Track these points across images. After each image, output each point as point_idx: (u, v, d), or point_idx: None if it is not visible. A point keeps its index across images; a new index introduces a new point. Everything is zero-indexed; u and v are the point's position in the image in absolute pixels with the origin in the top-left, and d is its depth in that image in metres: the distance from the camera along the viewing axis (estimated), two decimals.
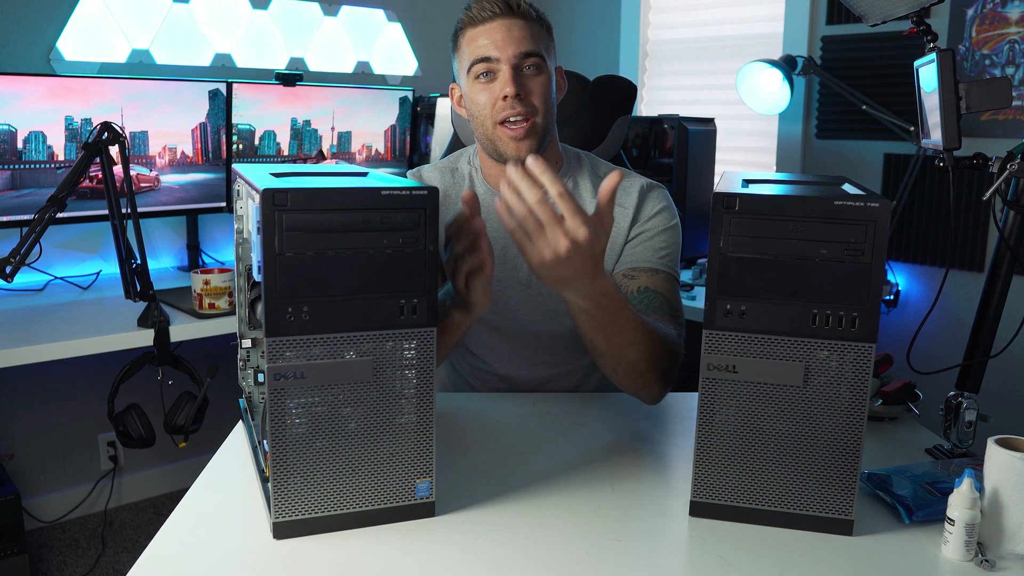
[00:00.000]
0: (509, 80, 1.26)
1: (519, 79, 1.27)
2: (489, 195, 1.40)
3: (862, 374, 0.90)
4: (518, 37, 1.27)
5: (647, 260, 1.35)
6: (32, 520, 2.51)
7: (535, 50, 1.28)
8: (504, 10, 1.28)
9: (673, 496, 1.02)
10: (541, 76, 1.29)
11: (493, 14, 1.27)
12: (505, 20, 1.27)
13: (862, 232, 0.88)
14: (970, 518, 0.88)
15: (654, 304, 1.29)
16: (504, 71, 1.27)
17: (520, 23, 1.28)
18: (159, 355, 1.87)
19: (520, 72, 1.28)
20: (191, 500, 1.00)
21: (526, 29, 1.28)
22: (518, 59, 1.27)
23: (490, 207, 1.39)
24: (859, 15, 1.37)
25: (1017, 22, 2.22)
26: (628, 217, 1.38)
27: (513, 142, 1.29)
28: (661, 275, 1.34)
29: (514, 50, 1.27)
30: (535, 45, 1.28)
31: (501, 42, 1.27)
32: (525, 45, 1.27)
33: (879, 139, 2.53)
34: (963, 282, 2.36)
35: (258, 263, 0.88)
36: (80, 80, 2.20)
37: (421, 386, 0.92)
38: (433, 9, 3.17)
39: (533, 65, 1.28)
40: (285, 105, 2.62)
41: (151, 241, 2.60)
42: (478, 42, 1.28)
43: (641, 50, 3.18)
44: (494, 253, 1.37)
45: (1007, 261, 1.19)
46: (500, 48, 1.26)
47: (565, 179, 1.40)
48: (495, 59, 1.27)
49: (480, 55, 1.27)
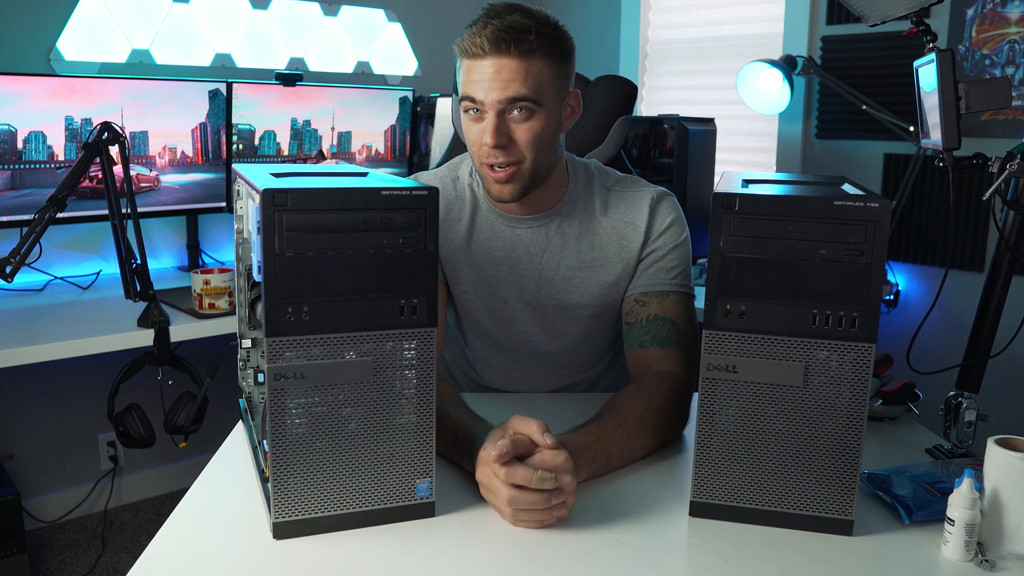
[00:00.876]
0: (491, 130, 1.19)
1: (503, 126, 1.20)
2: (494, 215, 1.37)
3: (862, 374, 0.90)
4: (506, 80, 1.17)
5: (659, 283, 1.33)
6: (32, 520, 2.51)
7: (525, 94, 1.18)
8: (491, 50, 1.17)
9: (673, 496, 1.02)
10: (531, 121, 1.21)
11: (483, 52, 1.18)
12: (495, 60, 1.17)
13: (862, 232, 0.88)
14: (970, 518, 0.88)
15: (660, 334, 1.28)
16: (489, 117, 1.20)
17: (512, 64, 1.17)
18: (159, 355, 1.87)
19: (504, 118, 1.20)
20: (191, 500, 1.00)
21: (517, 71, 1.17)
22: (503, 104, 1.19)
23: (495, 228, 1.37)
24: (859, 15, 1.37)
25: (1017, 22, 2.22)
26: (640, 236, 1.34)
27: (496, 184, 1.26)
28: (672, 297, 1.32)
29: (499, 95, 1.18)
30: (527, 87, 1.18)
31: (487, 85, 1.18)
32: (513, 89, 1.18)
33: (879, 139, 2.52)
34: (963, 282, 2.36)
35: (258, 263, 0.88)
36: (80, 80, 2.20)
37: (421, 386, 0.92)
38: (433, 9, 3.17)
39: (523, 109, 1.19)
40: (285, 105, 2.62)
41: (151, 241, 2.60)
42: (469, 76, 1.21)
43: (641, 50, 3.18)
44: (500, 272, 1.37)
45: (1007, 261, 1.19)
46: (485, 91, 1.18)
47: (567, 205, 1.36)
48: (480, 101, 1.20)
49: (467, 93, 1.21)
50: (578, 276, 1.36)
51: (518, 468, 0.93)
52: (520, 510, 0.93)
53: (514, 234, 1.36)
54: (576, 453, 0.99)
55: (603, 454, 1.07)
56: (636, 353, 1.29)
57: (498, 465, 0.93)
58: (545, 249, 1.36)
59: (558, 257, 1.36)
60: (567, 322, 1.38)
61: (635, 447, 1.11)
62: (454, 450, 1.07)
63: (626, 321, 1.35)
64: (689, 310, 1.33)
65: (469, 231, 1.37)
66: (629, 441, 1.10)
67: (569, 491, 0.94)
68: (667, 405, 1.17)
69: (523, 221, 1.36)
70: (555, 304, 1.37)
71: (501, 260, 1.36)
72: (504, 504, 0.94)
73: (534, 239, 1.36)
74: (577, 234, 1.36)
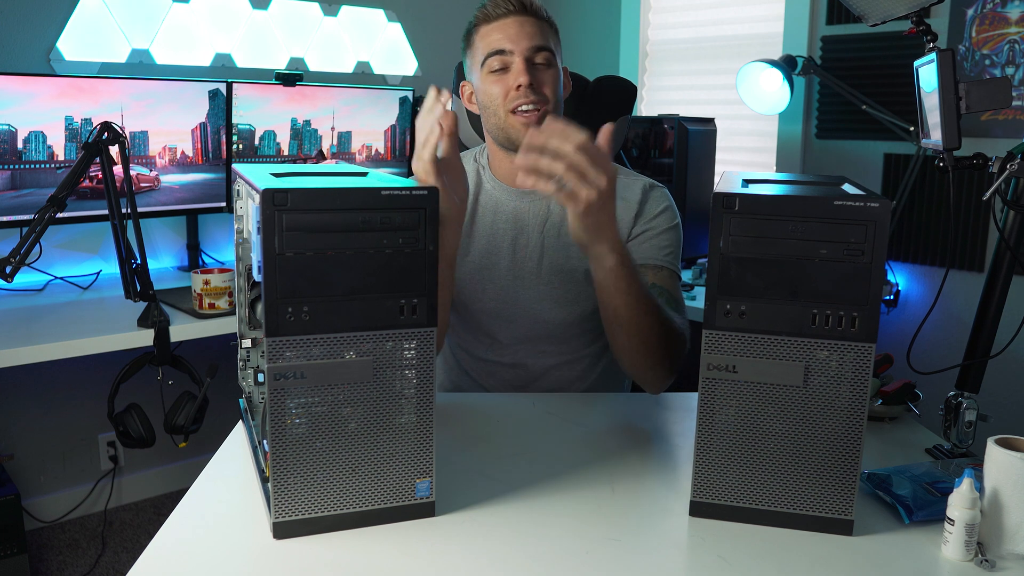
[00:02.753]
0: (522, 70, 1.32)
1: (531, 70, 1.33)
2: (498, 191, 1.44)
3: (862, 374, 0.90)
4: (531, 32, 1.34)
5: (653, 257, 1.39)
6: (32, 520, 2.51)
7: (547, 44, 1.35)
8: (518, 8, 1.35)
9: (673, 496, 1.02)
10: (552, 69, 1.36)
11: (508, 11, 1.35)
12: (518, 17, 1.35)
13: (862, 232, 0.88)
14: (970, 518, 0.88)
15: (662, 298, 1.32)
16: (517, 63, 1.33)
17: (532, 20, 1.35)
18: (159, 355, 1.87)
19: (532, 64, 1.34)
20: (191, 500, 1.00)
21: (537, 26, 1.35)
22: (531, 52, 1.34)
23: (499, 203, 1.44)
24: (859, 15, 1.37)
25: (1017, 22, 2.22)
26: (632, 211, 1.41)
27: (525, 128, 1.33)
28: (666, 272, 1.39)
29: (527, 43, 1.33)
30: (546, 40, 1.36)
31: (515, 36, 1.34)
32: (537, 39, 1.34)
33: (879, 139, 2.52)
34: (963, 282, 2.36)
35: (258, 263, 0.88)
36: (80, 80, 2.20)
37: (421, 386, 0.92)
38: (433, 9, 3.17)
39: (545, 59, 1.35)
40: (285, 105, 2.62)
41: (151, 241, 2.60)
42: (492, 37, 1.35)
43: (641, 50, 3.18)
44: (504, 244, 1.42)
45: (1007, 261, 1.19)
46: (514, 41, 1.33)
47: None
48: (509, 51, 1.33)
49: (494, 48, 1.34)
50: None
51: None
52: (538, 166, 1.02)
53: (517, 207, 1.44)
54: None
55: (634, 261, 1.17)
56: None
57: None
58: (546, 219, 1.43)
59: (559, 226, 1.42)
60: (567, 287, 1.43)
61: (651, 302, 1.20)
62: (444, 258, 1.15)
63: None
64: (678, 289, 1.41)
65: (473, 208, 1.45)
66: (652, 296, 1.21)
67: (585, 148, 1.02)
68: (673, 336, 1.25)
69: (526, 194, 1.43)
70: (556, 270, 1.42)
71: (504, 231, 1.44)
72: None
73: (536, 210, 1.43)
74: None
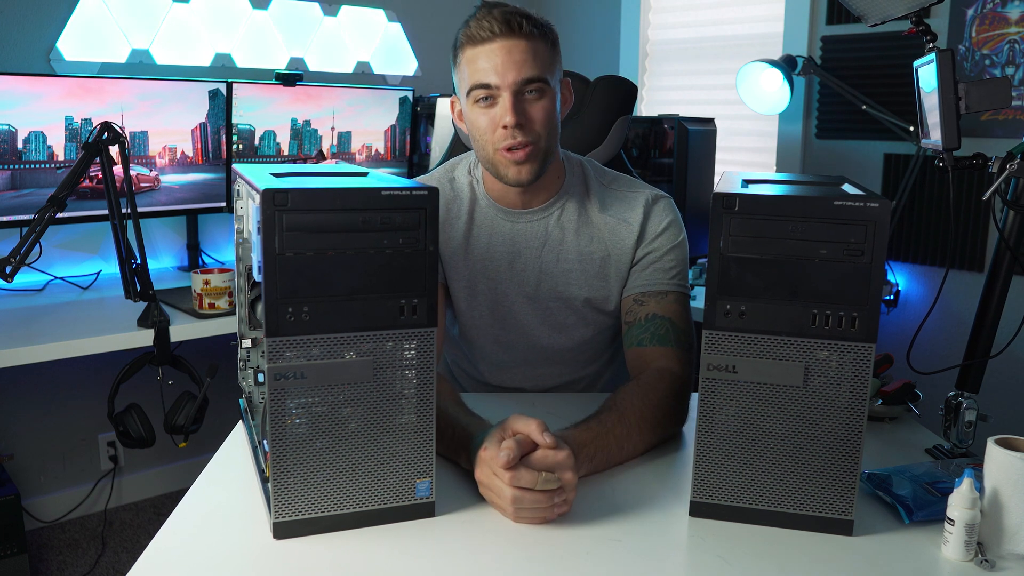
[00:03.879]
0: (509, 109, 1.22)
1: (520, 106, 1.23)
2: (493, 210, 1.38)
3: (862, 374, 0.90)
4: (519, 61, 1.21)
5: (657, 283, 1.34)
6: (32, 520, 2.51)
7: (537, 75, 1.22)
8: (504, 31, 1.21)
9: (673, 496, 1.02)
10: (543, 100, 1.25)
11: (493, 35, 1.21)
12: (505, 41, 1.21)
13: (862, 232, 0.88)
14: (970, 518, 0.88)
15: (659, 333, 1.28)
16: (504, 98, 1.22)
17: (522, 44, 1.21)
18: (159, 355, 1.87)
19: (521, 98, 1.23)
20: (191, 500, 1.00)
21: (528, 51, 1.22)
22: (519, 85, 1.22)
23: (495, 223, 1.38)
24: (858, 15, 1.37)
25: (1017, 22, 2.22)
26: (634, 234, 1.36)
27: (514, 166, 1.26)
28: (671, 296, 1.33)
29: (514, 76, 1.21)
30: (537, 68, 1.23)
31: (501, 67, 1.21)
32: (526, 70, 1.22)
33: (879, 139, 2.52)
34: (963, 282, 2.36)
35: (258, 263, 0.88)
36: (80, 80, 2.20)
37: (421, 386, 0.92)
38: (433, 9, 3.17)
39: (535, 90, 1.23)
40: (285, 105, 2.62)
41: (151, 241, 2.60)
42: (478, 64, 1.23)
43: (641, 50, 3.18)
44: (501, 266, 1.38)
45: (1007, 261, 1.19)
46: (500, 74, 1.21)
47: (564, 198, 1.37)
48: (495, 86, 1.22)
49: (479, 80, 1.23)
50: (577, 269, 1.37)
51: (523, 472, 0.93)
52: (523, 508, 0.94)
53: (514, 228, 1.37)
54: (577, 449, 1.00)
55: (603, 450, 1.07)
56: (635, 351, 1.30)
57: (501, 468, 0.93)
58: (545, 242, 1.37)
59: (557, 250, 1.37)
60: (566, 314, 1.39)
61: (635, 443, 1.11)
62: (451, 448, 1.07)
63: (625, 320, 1.35)
64: (686, 310, 1.34)
65: (468, 227, 1.38)
66: (629, 437, 1.10)
67: (570, 487, 0.95)
68: (666, 402, 1.17)
69: (523, 215, 1.37)
70: (555, 296, 1.38)
71: (501, 254, 1.37)
72: (508, 504, 0.94)
73: (534, 232, 1.37)
74: (576, 227, 1.37)
